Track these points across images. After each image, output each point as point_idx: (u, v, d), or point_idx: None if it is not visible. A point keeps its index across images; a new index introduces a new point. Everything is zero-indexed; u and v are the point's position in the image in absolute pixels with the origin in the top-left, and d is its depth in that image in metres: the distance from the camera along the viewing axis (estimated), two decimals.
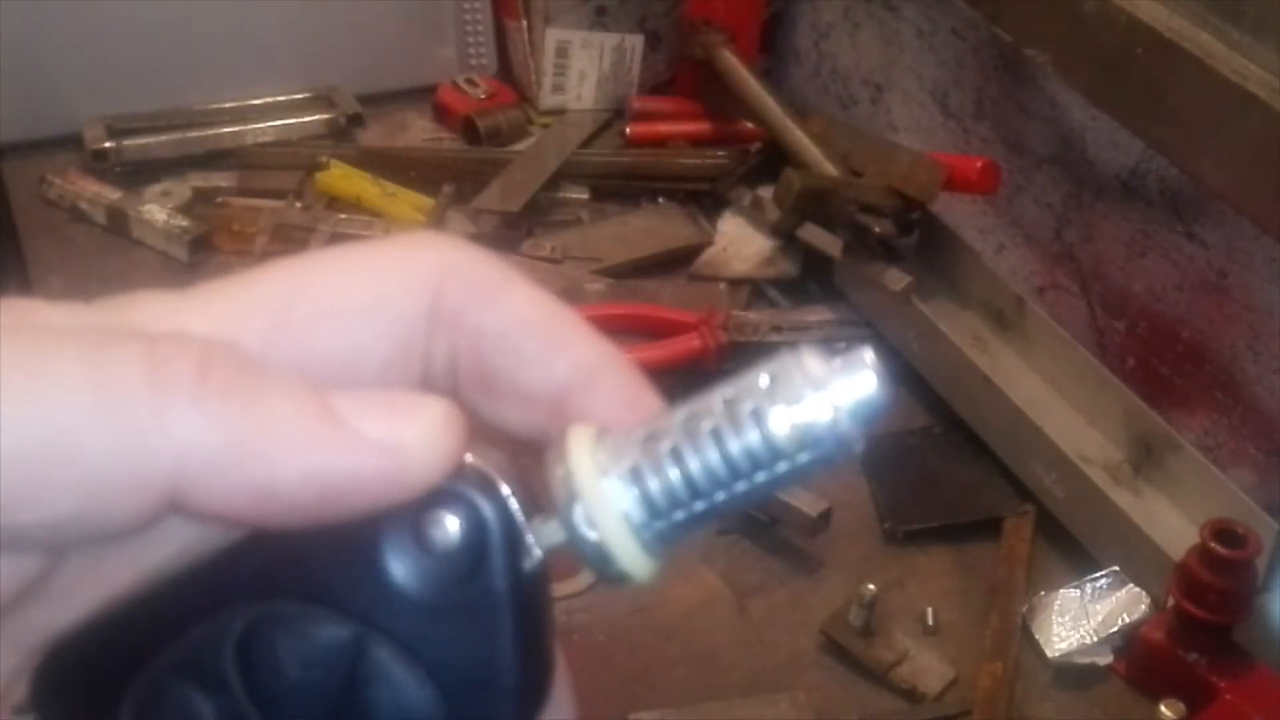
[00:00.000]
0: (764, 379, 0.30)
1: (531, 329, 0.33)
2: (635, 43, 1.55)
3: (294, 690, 0.29)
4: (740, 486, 0.30)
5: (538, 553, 0.31)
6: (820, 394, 0.30)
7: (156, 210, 1.36)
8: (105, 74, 1.45)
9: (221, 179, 1.42)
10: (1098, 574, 1.03)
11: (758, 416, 0.30)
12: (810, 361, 0.30)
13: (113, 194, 1.38)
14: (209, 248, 1.35)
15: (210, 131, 1.46)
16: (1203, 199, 1.06)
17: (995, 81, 1.28)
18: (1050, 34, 1.10)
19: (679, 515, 0.31)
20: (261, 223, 1.34)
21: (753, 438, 0.30)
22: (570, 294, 1.29)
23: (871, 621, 0.99)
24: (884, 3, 1.42)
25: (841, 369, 0.30)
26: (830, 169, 1.29)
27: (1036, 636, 1.00)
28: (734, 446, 0.30)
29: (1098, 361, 1.12)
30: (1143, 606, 1.00)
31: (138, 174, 1.42)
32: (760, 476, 0.30)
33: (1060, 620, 1.01)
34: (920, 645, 1.00)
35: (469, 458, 0.31)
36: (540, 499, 0.31)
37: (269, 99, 1.51)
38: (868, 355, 0.30)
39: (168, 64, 1.47)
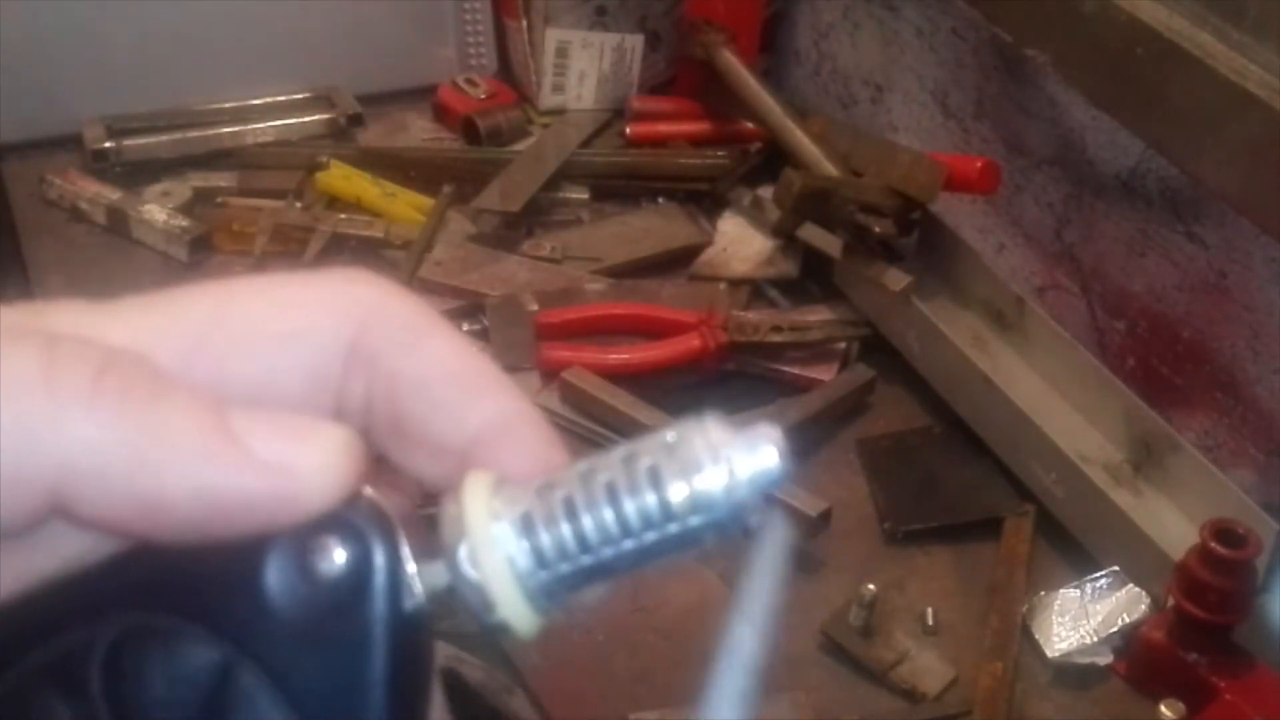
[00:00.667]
0: (666, 440, 0.30)
1: (448, 378, 0.33)
2: (635, 43, 1.55)
3: (155, 706, 0.29)
4: (629, 544, 0.30)
5: (419, 592, 0.30)
6: (719, 462, 0.30)
7: (156, 210, 1.36)
8: (105, 74, 1.45)
9: (221, 179, 1.42)
10: (1098, 574, 1.03)
11: (653, 475, 0.30)
12: (713, 429, 0.30)
13: (113, 194, 1.38)
14: (209, 248, 1.35)
15: (210, 131, 1.46)
16: (1203, 199, 1.06)
17: (995, 81, 1.28)
18: (1050, 34, 1.10)
19: (565, 568, 0.30)
20: (261, 223, 1.34)
21: (646, 496, 0.30)
22: (570, 294, 1.29)
23: (871, 621, 0.99)
24: (884, 3, 1.42)
25: (744, 440, 0.30)
26: (830, 169, 1.29)
27: (1036, 636, 1.00)
28: (627, 502, 0.30)
29: (1098, 361, 1.12)
30: (1143, 606, 1.00)
31: (138, 174, 1.42)
32: (650, 536, 0.30)
33: (1060, 620, 1.01)
34: (920, 645, 1.00)
35: (367, 490, 0.31)
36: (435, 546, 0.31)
37: (269, 99, 1.51)
38: (771, 430, 0.31)
39: (168, 64, 1.47)
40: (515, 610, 0.30)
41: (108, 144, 1.42)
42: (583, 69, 1.55)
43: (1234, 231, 1.04)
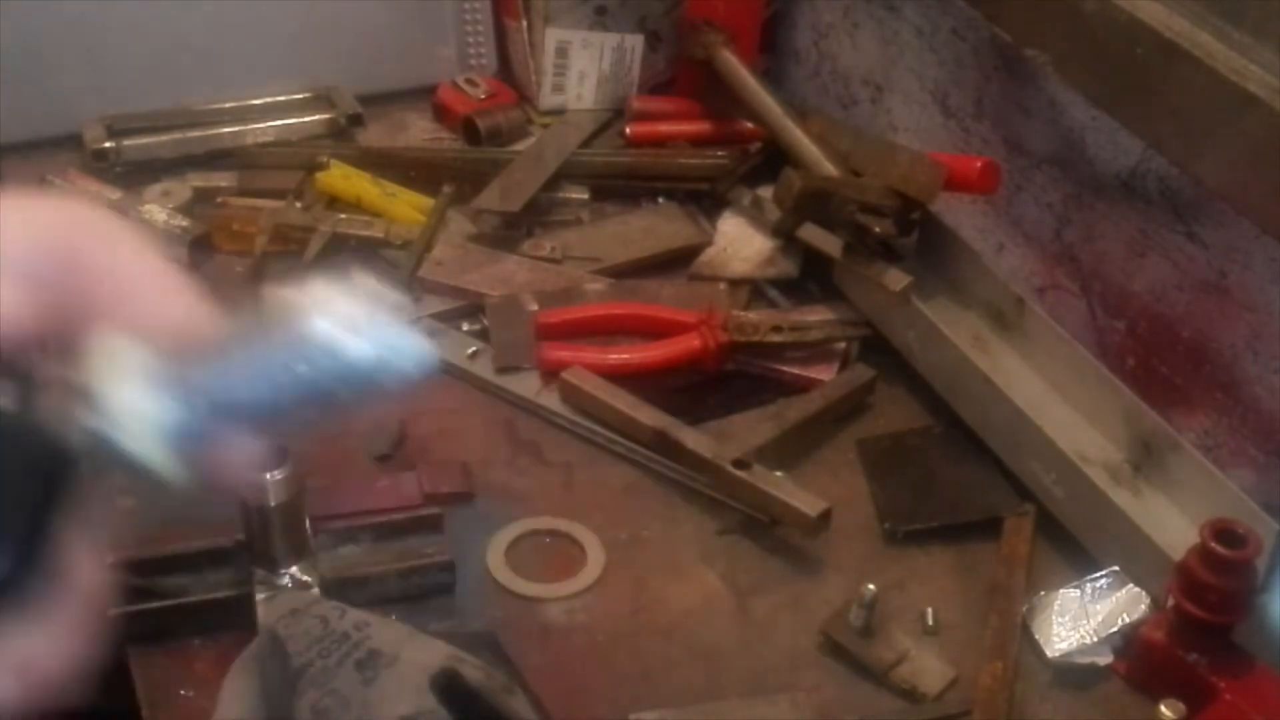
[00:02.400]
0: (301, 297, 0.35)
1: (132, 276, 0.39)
2: (635, 43, 1.55)
3: None
4: (261, 384, 0.35)
5: (69, 430, 0.35)
6: (360, 335, 0.35)
7: (156, 210, 1.36)
8: (105, 74, 1.45)
9: (221, 179, 1.42)
10: (1098, 574, 1.03)
11: (286, 319, 0.35)
12: (356, 297, 0.35)
13: (113, 194, 1.38)
14: (209, 248, 1.35)
15: (210, 131, 1.46)
16: (1203, 199, 1.06)
17: (995, 81, 1.28)
18: (1050, 34, 1.10)
19: (199, 405, 0.35)
20: (261, 223, 1.34)
21: (277, 334, 0.35)
22: (570, 294, 1.29)
23: (871, 621, 0.99)
24: (884, 3, 1.42)
25: (376, 297, 0.35)
26: (830, 169, 1.29)
27: (1036, 636, 1.00)
28: (259, 344, 0.35)
29: (1098, 361, 1.12)
30: (1143, 606, 1.00)
31: (138, 174, 1.42)
32: (283, 376, 0.35)
33: (1060, 620, 1.01)
34: (920, 645, 1.00)
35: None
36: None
37: (269, 99, 1.51)
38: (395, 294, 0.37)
39: (168, 64, 1.47)
40: (148, 447, 0.35)
41: (108, 144, 1.42)
42: (583, 69, 1.55)
43: (1234, 231, 1.04)
